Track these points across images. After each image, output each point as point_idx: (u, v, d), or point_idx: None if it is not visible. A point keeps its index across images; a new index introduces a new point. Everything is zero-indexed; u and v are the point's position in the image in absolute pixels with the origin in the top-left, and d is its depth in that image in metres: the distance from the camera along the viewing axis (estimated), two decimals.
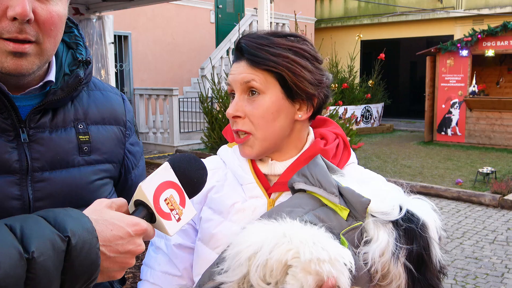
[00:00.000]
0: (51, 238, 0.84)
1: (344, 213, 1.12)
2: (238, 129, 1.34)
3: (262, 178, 1.38)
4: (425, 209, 1.13)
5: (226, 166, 1.45)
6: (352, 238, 1.09)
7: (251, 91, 1.31)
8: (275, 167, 1.38)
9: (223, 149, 1.50)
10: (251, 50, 1.29)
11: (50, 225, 0.86)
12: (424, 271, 1.09)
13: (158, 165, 1.14)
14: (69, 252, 0.86)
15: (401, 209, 1.10)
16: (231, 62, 1.41)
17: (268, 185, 1.37)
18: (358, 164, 1.49)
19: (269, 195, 1.36)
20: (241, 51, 1.32)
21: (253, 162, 1.41)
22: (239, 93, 1.33)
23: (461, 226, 6.77)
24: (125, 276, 1.58)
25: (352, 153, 1.46)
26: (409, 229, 1.08)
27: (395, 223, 1.09)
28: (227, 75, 1.42)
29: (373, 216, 1.11)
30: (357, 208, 1.12)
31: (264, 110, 1.30)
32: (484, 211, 7.50)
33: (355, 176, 1.35)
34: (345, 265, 0.99)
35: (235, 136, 1.37)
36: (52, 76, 1.25)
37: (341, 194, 1.15)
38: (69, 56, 1.32)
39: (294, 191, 1.24)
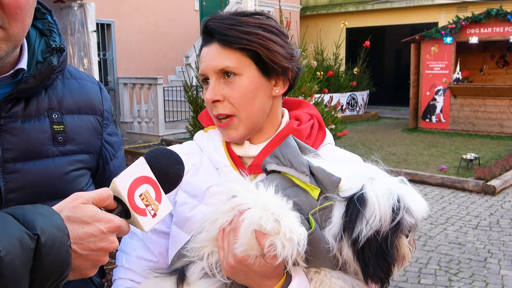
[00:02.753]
0: (19, 236, 0.81)
1: (315, 192, 1.11)
2: (219, 114, 1.33)
3: (237, 161, 1.38)
4: (385, 189, 1.06)
5: (202, 151, 1.45)
6: (321, 218, 1.08)
7: (227, 74, 1.31)
8: (250, 149, 1.38)
9: (199, 134, 1.50)
10: (221, 30, 1.29)
11: (18, 222, 0.83)
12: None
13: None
14: (38, 250, 0.83)
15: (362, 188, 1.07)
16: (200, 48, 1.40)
17: (243, 168, 1.37)
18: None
19: None
20: (211, 34, 1.32)
21: (228, 146, 1.41)
22: (215, 78, 1.32)
23: (445, 212, 6.85)
24: (105, 268, 1.55)
25: (328, 134, 1.47)
26: (349, 202, 1.06)
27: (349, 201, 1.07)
28: None
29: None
30: (327, 187, 1.10)
31: (243, 90, 1.30)
32: (468, 197, 7.59)
33: (330, 157, 1.35)
34: (295, 241, 0.99)
35: (216, 121, 1.37)
36: (23, 64, 1.21)
37: (313, 174, 1.14)
38: (42, 43, 1.28)
39: (267, 172, 1.23)
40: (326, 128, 1.47)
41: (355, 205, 1.05)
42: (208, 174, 1.39)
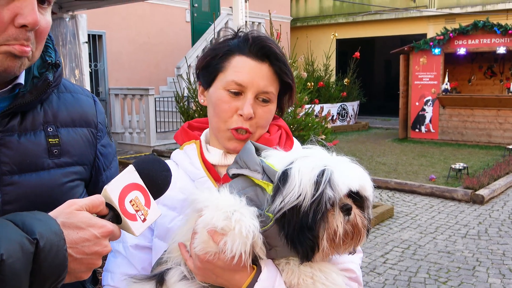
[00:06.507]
0: (20, 241, 0.86)
1: (269, 187, 1.16)
2: (243, 127, 1.38)
3: (213, 172, 1.45)
4: (310, 164, 1.10)
5: (178, 167, 1.51)
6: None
7: (264, 99, 1.39)
8: (226, 159, 1.46)
9: (175, 152, 1.57)
10: (281, 58, 1.39)
11: (18, 228, 0.88)
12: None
13: None
14: (37, 254, 0.88)
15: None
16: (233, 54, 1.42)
17: (219, 178, 1.43)
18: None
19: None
20: (266, 55, 1.38)
21: (203, 158, 1.47)
22: (253, 96, 1.37)
23: (435, 221, 6.91)
24: (98, 277, 1.58)
25: (296, 142, 1.55)
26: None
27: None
28: None
29: None
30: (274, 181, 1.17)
31: (269, 117, 1.44)
32: (457, 206, 7.67)
33: None
34: (244, 234, 1.05)
35: (231, 132, 1.39)
36: (21, 79, 1.25)
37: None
38: (39, 59, 1.32)
39: (231, 177, 1.29)
40: (293, 137, 1.56)
41: (276, 182, 1.11)
42: (184, 186, 1.44)
